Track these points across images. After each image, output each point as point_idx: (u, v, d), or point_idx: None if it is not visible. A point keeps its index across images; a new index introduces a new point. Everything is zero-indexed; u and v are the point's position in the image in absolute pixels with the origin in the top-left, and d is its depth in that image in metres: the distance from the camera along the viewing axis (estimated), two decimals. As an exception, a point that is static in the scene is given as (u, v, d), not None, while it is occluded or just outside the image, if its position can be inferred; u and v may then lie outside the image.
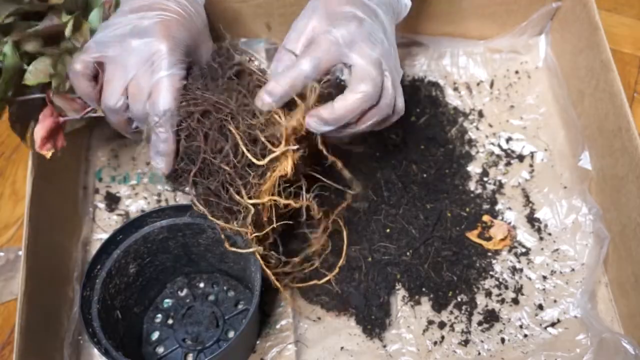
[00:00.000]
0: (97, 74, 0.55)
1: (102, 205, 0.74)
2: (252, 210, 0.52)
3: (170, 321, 0.67)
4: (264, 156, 0.51)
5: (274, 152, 0.51)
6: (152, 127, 0.52)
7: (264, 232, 0.55)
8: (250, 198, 0.52)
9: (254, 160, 0.51)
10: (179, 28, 0.54)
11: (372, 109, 0.54)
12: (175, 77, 0.53)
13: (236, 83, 0.53)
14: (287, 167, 0.52)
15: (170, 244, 0.64)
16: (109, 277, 0.60)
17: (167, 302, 0.68)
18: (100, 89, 0.55)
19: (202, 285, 0.69)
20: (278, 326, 0.66)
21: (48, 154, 0.58)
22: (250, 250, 0.56)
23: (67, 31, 0.56)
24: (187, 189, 0.55)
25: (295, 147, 0.52)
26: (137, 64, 0.53)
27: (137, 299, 0.65)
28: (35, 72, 0.55)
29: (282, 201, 0.54)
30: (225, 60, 0.54)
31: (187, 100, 0.52)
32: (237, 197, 0.52)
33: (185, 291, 0.69)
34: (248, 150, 0.51)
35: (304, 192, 0.56)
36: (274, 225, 0.56)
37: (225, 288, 0.68)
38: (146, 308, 0.67)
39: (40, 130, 0.57)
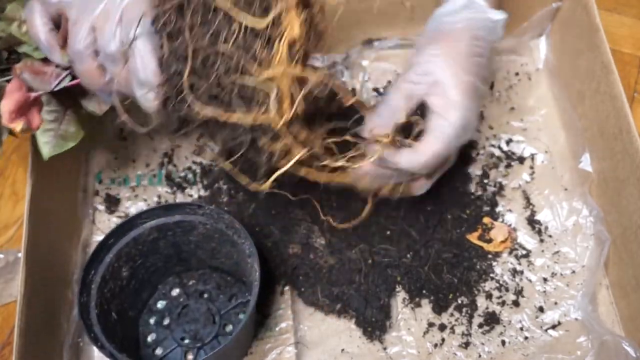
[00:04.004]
0: (59, 26, 0.50)
1: (101, 207, 0.73)
2: (274, 88, 0.46)
3: (166, 322, 0.66)
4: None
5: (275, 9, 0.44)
6: (127, 47, 0.46)
7: (292, 113, 0.47)
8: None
9: (253, 24, 0.44)
10: None
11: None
12: None
13: None
14: (295, 28, 0.45)
15: (161, 244, 0.64)
16: (104, 281, 0.60)
17: (161, 303, 0.68)
18: (63, 35, 0.49)
19: (193, 283, 0.69)
20: (278, 328, 0.66)
21: (17, 127, 0.53)
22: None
23: None
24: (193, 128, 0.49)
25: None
26: None
27: (131, 303, 0.65)
28: None
29: (299, 72, 0.47)
30: None
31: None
32: (249, 79, 0.45)
33: (177, 291, 0.68)
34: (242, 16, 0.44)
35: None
36: (296, 106, 0.47)
37: (217, 284, 0.68)
38: (140, 311, 0.67)
39: (7, 104, 0.53)
